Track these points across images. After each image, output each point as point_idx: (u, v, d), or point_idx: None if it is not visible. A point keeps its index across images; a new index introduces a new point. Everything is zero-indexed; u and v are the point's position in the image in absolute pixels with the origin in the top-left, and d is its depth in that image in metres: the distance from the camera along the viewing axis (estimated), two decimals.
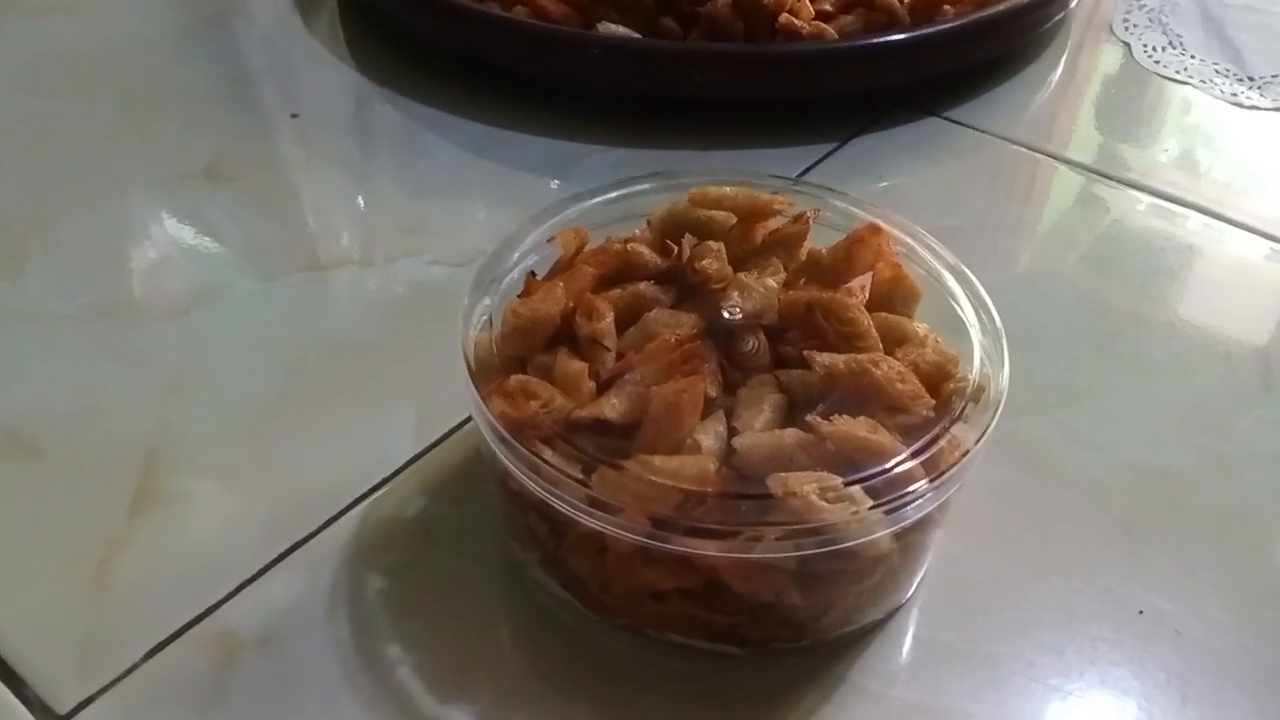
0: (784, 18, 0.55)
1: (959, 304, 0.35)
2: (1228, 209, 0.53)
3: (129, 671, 0.32)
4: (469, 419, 0.40)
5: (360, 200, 0.54)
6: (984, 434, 0.30)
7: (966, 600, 0.35)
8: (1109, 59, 0.67)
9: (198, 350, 0.44)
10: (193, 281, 0.48)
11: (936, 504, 0.30)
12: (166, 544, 0.36)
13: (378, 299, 0.47)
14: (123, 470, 0.39)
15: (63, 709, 0.32)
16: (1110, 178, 0.55)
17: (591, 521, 0.29)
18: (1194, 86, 0.64)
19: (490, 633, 0.34)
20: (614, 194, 0.37)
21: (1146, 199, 0.54)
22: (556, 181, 0.55)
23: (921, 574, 0.34)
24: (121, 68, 0.63)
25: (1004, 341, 0.33)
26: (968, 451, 0.30)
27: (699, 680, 0.33)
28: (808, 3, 0.57)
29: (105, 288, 0.48)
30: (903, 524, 0.29)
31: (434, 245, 0.50)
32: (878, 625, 0.34)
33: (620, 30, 0.56)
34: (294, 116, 0.59)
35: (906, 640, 0.34)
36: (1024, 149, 0.57)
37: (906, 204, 0.53)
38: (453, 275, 0.48)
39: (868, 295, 0.36)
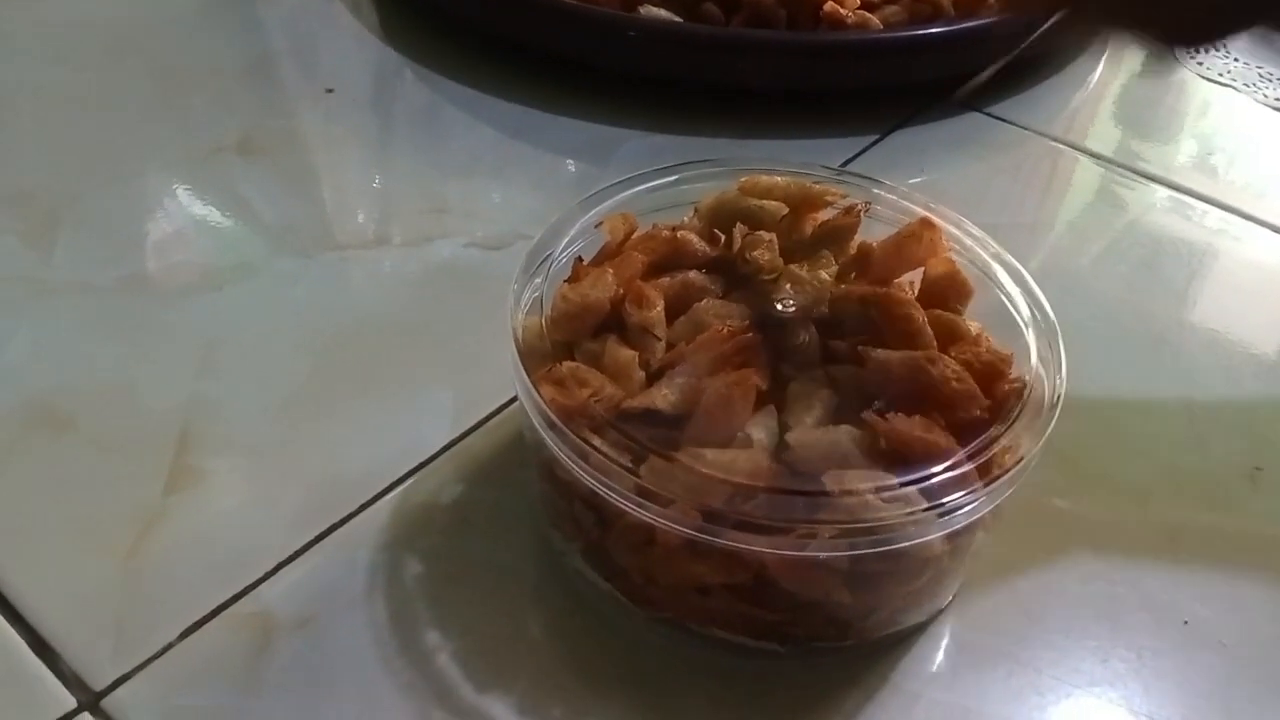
0: (829, 6, 0.54)
1: (1013, 302, 0.34)
2: (1271, 215, 0.52)
3: (165, 650, 0.32)
4: (507, 404, 0.40)
5: (395, 179, 0.53)
6: (1041, 440, 0.30)
7: (1009, 604, 0.35)
8: (1152, 58, 0.66)
9: (230, 327, 0.44)
10: (225, 258, 0.47)
11: (990, 508, 0.29)
12: (201, 522, 0.36)
13: (413, 280, 0.47)
14: (157, 447, 0.38)
15: (98, 685, 0.31)
16: (1150, 178, 0.54)
17: (641, 513, 0.28)
18: (1237, 90, 0.63)
19: (528, 622, 0.33)
20: (661, 180, 0.37)
21: (1182, 199, 0.53)
22: (573, 163, 0.54)
23: (965, 576, 0.34)
24: (153, 40, 0.62)
25: (1060, 342, 0.32)
26: (1023, 458, 0.30)
27: (739, 677, 0.32)
28: None
29: (137, 262, 0.47)
30: (956, 527, 0.29)
31: (469, 227, 0.49)
32: (920, 627, 0.34)
33: (662, 14, 0.55)
34: (329, 92, 0.59)
35: (949, 643, 0.34)
36: (1065, 146, 0.57)
37: (946, 198, 0.51)
38: (489, 258, 0.48)
39: (917, 290, 0.35)
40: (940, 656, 0.33)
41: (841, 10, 0.54)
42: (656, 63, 0.56)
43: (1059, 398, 0.31)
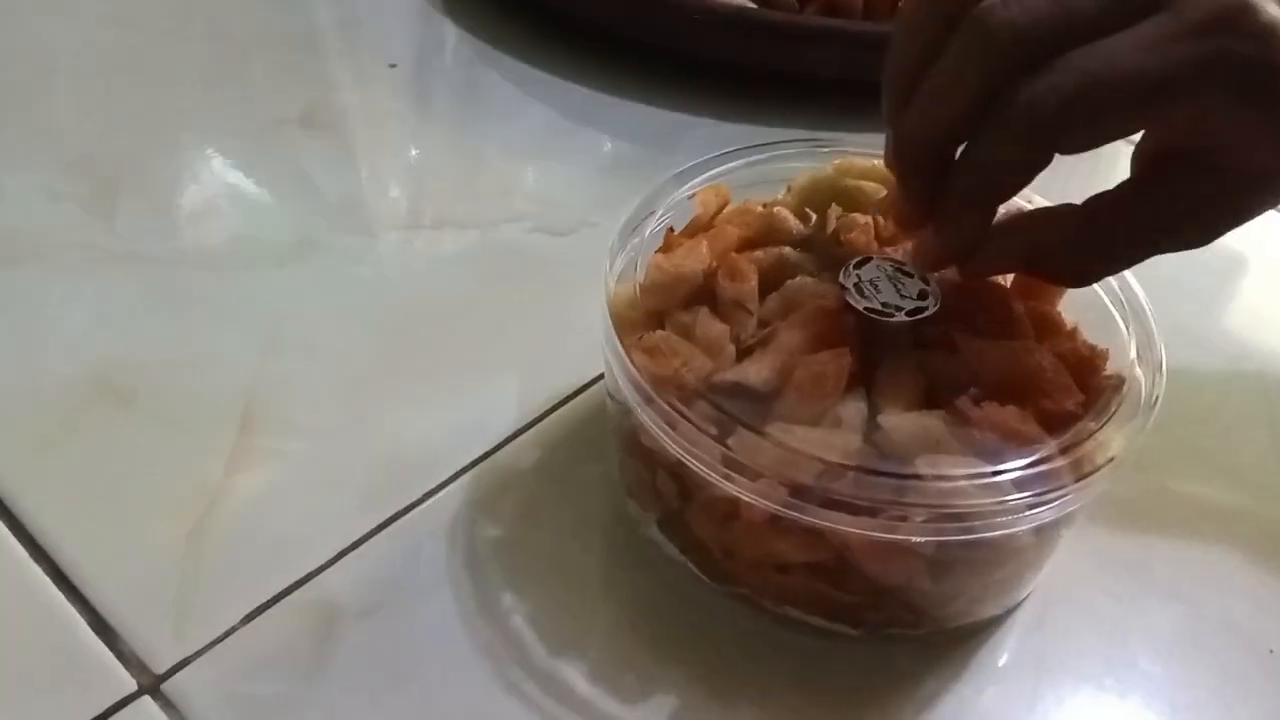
0: None
1: (1111, 297, 0.33)
2: None
3: (227, 634, 0.31)
4: (575, 393, 0.39)
5: (458, 160, 0.52)
6: (1139, 438, 0.29)
7: (1086, 610, 0.34)
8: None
9: (294, 305, 0.43)
10: (288, 233, 0.46)
11: (1081, 503, 0.29)
12: (264, 504, 0.35)
13: (477, 263, 0.46)
14: (219, 424, 0.37)
15: (159, 668, 0.30)
16: None
17: (729, 485, 0.28)
18: None
19: (598, 595, 0.33)
20: (756, 157, 0.36)
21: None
22: (639, 150, 0.53)
23: (1043, 571, 0.33)
24: (216, 8, 0.61)
25: (1159, 340, 0.32)
26: (1114, 457, 0.29)
27: (810, 657, 0.32)
28: None
29: (198, 234, 0.46)
30: (1046, 520, 0.28)
31: (535, 211, 0.48)
32: (996, 620, 0.33)
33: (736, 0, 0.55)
34: (392, 67, 0.58)
35: (1023, 639, 0.33)
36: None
37: None
38: (554, 244, 0.46)
39: (1009, 280, 0.34)
40: (1013, 653, 0.33)
41: None
42: (726, 49, 0.55)
43: (1157, 398, 0.30)
